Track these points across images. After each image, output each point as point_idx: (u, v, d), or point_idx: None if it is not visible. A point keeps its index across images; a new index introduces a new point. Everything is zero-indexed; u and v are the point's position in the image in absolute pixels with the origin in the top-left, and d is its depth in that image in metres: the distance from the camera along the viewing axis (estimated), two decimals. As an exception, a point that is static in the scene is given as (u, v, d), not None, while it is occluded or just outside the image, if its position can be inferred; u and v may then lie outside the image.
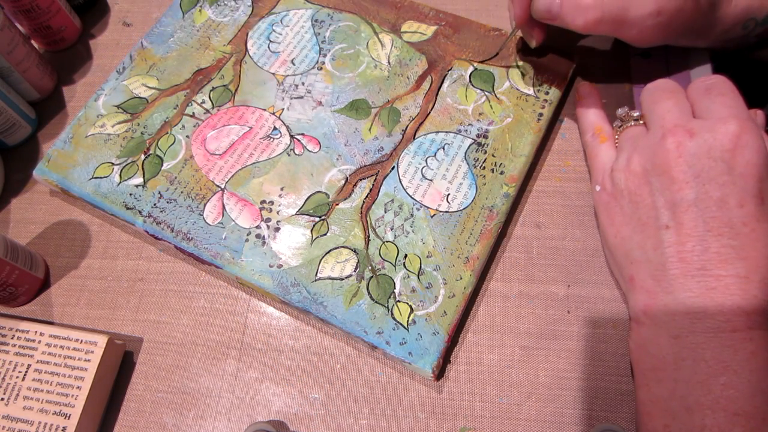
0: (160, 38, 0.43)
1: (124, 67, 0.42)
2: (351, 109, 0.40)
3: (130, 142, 0.39)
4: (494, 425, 0.32)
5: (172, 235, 0.36)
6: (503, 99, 0.39)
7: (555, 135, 0.39)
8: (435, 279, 0.34)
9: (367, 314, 0.33)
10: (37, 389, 0.32)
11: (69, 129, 0.40)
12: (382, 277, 0.34)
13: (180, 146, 0.39)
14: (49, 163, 0.39)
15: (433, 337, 0.32)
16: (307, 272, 0.34)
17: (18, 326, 0.33)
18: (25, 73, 0.42)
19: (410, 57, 0.41)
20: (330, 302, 0.33)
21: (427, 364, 0.32)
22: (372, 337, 0.32)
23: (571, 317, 0.34)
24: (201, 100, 0.41)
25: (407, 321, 0.33)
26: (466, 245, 0.35)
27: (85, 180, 0.38)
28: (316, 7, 0.44)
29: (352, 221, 0.36)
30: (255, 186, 0.37)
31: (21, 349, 0.33)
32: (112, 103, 0.41)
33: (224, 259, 0.35)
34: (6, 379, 0.32)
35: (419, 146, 0.38)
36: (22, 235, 0.40)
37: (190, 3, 0.45)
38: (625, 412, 0.31)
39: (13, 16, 0.43)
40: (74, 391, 0.32)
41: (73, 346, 0.33)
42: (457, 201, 0.36)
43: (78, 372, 0.32)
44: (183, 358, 0.35)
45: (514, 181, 0.36)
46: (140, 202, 0.37)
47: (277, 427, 0.33)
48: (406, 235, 0.35)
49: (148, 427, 0.33)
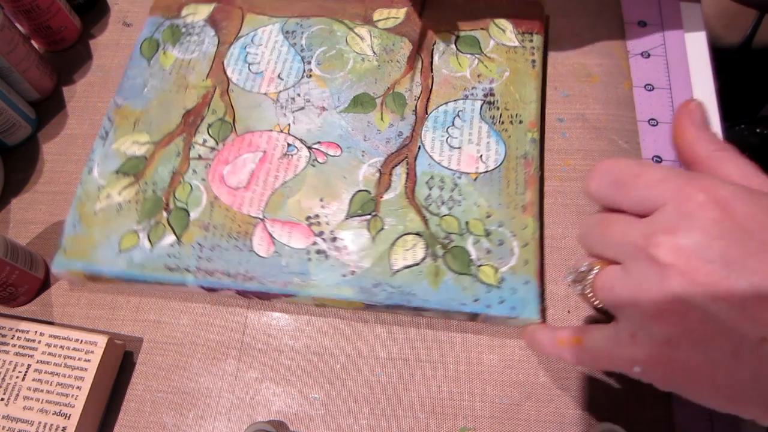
0: (133, 92, 0.41)
1: (106, 131, 0.40)
2: (356, 105, 0.40)
3: (145, 203, 0.37)
4: (494, 425, 0.32)
5: (231, 280, 0.34)
6: (494, 57, 0.40)
7: (555, 135, 0.39)
8: (503, 235, 0.34)
9: (457, 287, 0.33)
10: (37, 389, 0.32)
11: (73, 212, 0.37)
12: (455, 249, 0.34)
13: (199, 191, 0.37)
14: (67, 253, 0.36)
15: (526, 286, 0.33)
16: (383, 269, 0.34)
17: (18, 326, 0.33)
18: (25, 73, 0.42)
19: (393, 42, 0.42)
20: (417, 289, 0.33)
21: (533, 312, 0.32)
22: (471, 306, 0.33)
23: (571, 317, 0.34)
24: (202, 140, 0.39)
25: (497, 281, 0.33)
26: (517, 195, 0.35)
27: (114, 257, 0.35)
28: (282, 20, 0.43)
29: (402, 208, 0.36)
30: (293, 205, 0.36)
31: (21, 349, 0.33)
32: (109, 171, 0.38)
33: (295, 286, 0.34)
34: (6, 379, 0.32)
35: (435, 120, 0.38)
36: (22, 235, 0.40)
37: (151, 48, 0.43)
38: (625, 412, 0.31)
39: (13, 16, 0.43)
40: (74, 391, 0.32)
41: (73, 346, 0.33)
42: (491, 159, 0.37)
43: (78, 372, 0.32)
44: (183, 358, 0.35)
45: (534, 126, 0.38)
46: (182, 260, 0.35)
47: (277, 427, 0.33)
48: (458, 204, 0.35)
49: (148, 427, 0.33)
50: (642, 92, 0.40)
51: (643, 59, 0.41)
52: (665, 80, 0.40)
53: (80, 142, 0.43)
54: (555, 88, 0.41)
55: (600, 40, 0.42)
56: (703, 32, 0.42)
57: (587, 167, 0.38)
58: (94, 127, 0.43)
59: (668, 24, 0.42)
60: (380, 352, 0.34)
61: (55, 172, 0.42)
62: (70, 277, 0.36)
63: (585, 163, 0.38)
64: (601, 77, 0.41)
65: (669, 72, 0.40)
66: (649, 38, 0.42)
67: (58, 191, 0.41)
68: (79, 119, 0.44)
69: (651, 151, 0.38)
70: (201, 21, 0.44)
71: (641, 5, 0.43)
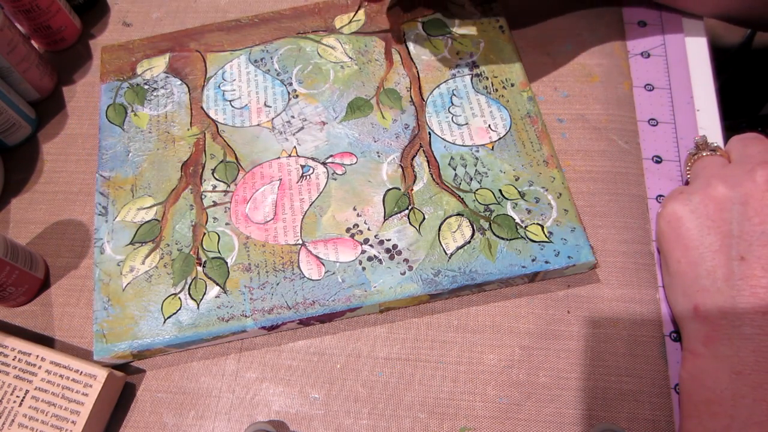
0: (118, 161, 0.39)
1: (104, 207, 0.38)
2: (353, 111, 0.40)
3: (175, 264, 0.36)
4: (494, 425, 0.32)
5: (292, 312, 0.33)
6: (464, 32, 0.42)
7: (555, 135, 0.39)
8: (537, 192, 0.36)
9: (512, 254, 0.34)
10: (32, 417, 0.31)
11: (98, 296, 0.35)
12: (499, 218, 0.35)
13: (228, 237, 0.36)
14: (106, 338, 0.34)
15: (573, 233, 0.34)
16: (438, 256, 0.34)
17: (20, 347, 0.33)
18: (25, 73, 0.42)
19: (364, 43, 0.42)
20: (476, 265, 0.34)
21: (588, 255, 0.34)
22: (531, 266, 0.34)
23: (571, 317, 0.34)
24: (211, 186, 0.38)
25: (546, 236, 0.34)
26: (535, 152, 0.37)
27: (160, 327, 0.34)
28: (245, 51, 0.43)
29: (436, 194, 0.36)
30: (329, 222, 0.36)
31: (21, 373, 0.32)
32: (123, 244, 0.36)
33: (358, 297, 0.34)
34: (3, 402, 0.32)
35: (434, 105, 0.39)
36: (22, 235, 0.40)
37: (119, 114, 0.41)
38: (625, 412, 0.31)
39: (13, 16, 0.43)
40: (69, 425, 0.31)
41: (73, 377, 0.32)
42: (500, 126, 0.38)
43: (74, 405, 0.31)
44: (183, 358, 0.35)
45: (525, 86, 0.39)
46: (235, 307, 0.34)
47: (277, 427, 0.33)
48: (486, 176, 0.37)
49: (148, 427, 0.33)
50: (642, 92, 0.40)
51: (643, 59, 0.41)
52: (665, 80, 0.40)
53: (80, 142, 0.43)
54: (555, 88, 0.41)
55: (600, 40, 0.42)
56: (703, 32, 0.42)
57: (587, 167, 0.38)
58: (93, 127, 0.43)
59: (668, 24, 0.42)
60: (380, 352, 0.34)
61: (55, 172, 0.42)
62: (116, 361, 0.35)
63: (585, 163, 0.38)
64: (601, 77, 0.41)
65: (669, 72, 0.40)
66: (649, 38, 0.42)
67: (58, 191, 0.41)
68: (79, 119, 0.44)
69: (651, 151, 0.38)
70: (161, 73, 0.43)
71: (641, 5, 0.43)
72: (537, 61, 0.42)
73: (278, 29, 0.44)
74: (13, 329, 0.37)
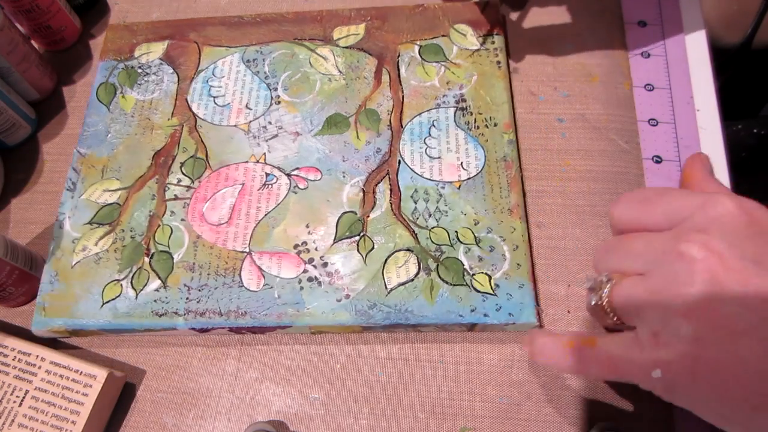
0: (96, 139, 0.40)
1: (73, 183, 0.39)
2: (330, 127, 0.39)
3: (125, 250, 0.36)
4: (494, 425, 0.32)
5: (223, 319, 0.34)
6: (459, 62, 0.41)
7: (555, 135, 0.39)
8: (493, 240, 0.35)
9: (453, 300, 0.33)
10: (32, 417, 0.31)
11: (48, 268, 0.36)
12: (448, 260, 0.34)
13: (180, 232, 0.36)
14: (46, 311, 0.35)
15: (520, 290, 0.33)
16: (377, 289, 0.34)
17: (20, 347, 0.33)
18: (25, 73, 0.42)
19: (357, 59, 0.42)
20: (414, 306, 0.33)
21: (530, 316, 0.32)
22: (468, 317, 0.33)
23: (571, 317, 0.34)
24: (176, 179, 0.38)
25: (491, 288, 0.33)
26: (502, 199, 0.36)
27: (97, 309, 0.34)
28: (241, 49, 0.43)
29: (390, 225, 0.35)
30: (279, 235, 0.36)
31: (21, 373, 0.33)
32: (82, 222, 0.37)
33: (289, 316, 0.33)
34: (3, 402, 0.32)
35: (411, 132, 0.38)
36: (22, 235, 0.40)
37: (108, 93, 0.42)
38: (625, 412, 0.31)
39: (13, 16, 0.43)
40: (69, 425, 0.31)
41: (72, 377, 0.32)
42: (472, 165, 0.37)
43: (74, 405, 0.32)
44: (183, 358, 0.35)
45: (510, 127, 0.38)
46: (170, 304, 0.34)
47: (277, 427, 0.33)
48: (445, 214, 0.36)
49: (147, 427, 0.33)
50: (642, 92, 0.40)
51: (643, 59, 0.41)
52: (665, 80, 0.40)
53: (80, 142, 0.43)
54: (555, 88, 0.41)
55: (600, 40, 0.42)
56: (703, 32, 0.42)
57: (587, 167, 0.38)
58: (94, 127, 0.43)
59: (668, 24, 0.42)
60: (380, 352, 0.34)
61: (55, 172, 0.42)
62: (52, 335, 0.36)
63: (585, 163, 0.38)
64: (601, 77, 0.41)
65: (669, 72, 0.40)
66: (649, 38, 0.42)
67: (58, 191, 0.41)
68: (79, 119, 0.44)
69: (651, 151, 0.38)
70: (156, 59, 0.43)
71: (641, 5, 0.43)
72: (537, 61, 0.42)
73: (277, 32, 0.43)
74: (13, 329, 0.37)
